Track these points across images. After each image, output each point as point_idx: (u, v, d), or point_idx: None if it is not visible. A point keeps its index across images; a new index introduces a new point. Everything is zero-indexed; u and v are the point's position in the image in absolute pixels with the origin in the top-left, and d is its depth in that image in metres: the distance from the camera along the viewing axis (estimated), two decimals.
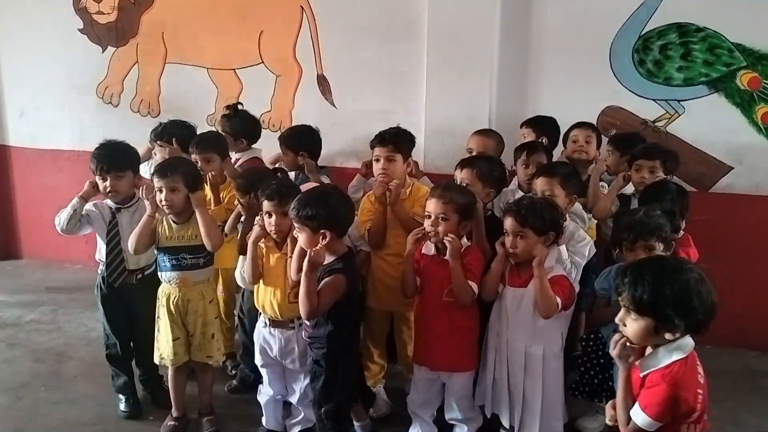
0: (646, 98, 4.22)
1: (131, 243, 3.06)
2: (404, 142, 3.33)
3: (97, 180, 3.21)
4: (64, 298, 5.01)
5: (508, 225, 2.70)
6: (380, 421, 3.28)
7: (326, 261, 2.69)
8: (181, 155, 3.64)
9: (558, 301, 2.61)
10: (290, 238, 2.75)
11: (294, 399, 3.08)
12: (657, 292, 1.83)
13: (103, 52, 5.46)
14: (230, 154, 3.90)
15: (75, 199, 3.22)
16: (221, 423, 3.26)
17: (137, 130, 4.30)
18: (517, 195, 3.29)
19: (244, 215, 3.16)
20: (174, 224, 3.09)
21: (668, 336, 1.87)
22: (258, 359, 3.09)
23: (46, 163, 5.71)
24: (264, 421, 3.17)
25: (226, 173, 3.62)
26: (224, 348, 3.34)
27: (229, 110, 4.16)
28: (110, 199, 3.24)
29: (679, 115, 4.19)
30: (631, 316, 1.90)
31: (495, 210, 3.27)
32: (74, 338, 4.30)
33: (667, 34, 4.12)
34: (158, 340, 3.16)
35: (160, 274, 3.14)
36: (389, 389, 3.48)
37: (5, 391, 3.61)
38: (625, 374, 1.98)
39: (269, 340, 3.00)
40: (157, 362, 3.22)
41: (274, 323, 2.96)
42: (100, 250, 3.29)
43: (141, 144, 4.02)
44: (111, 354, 3.41)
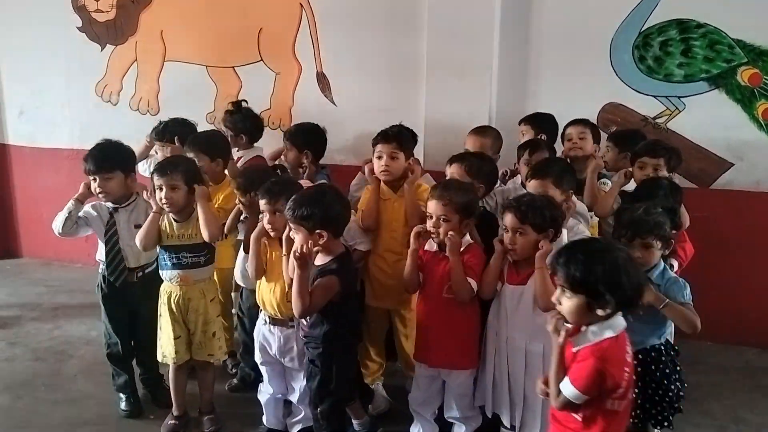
0: (647, 95, 4.21)
1: (139, 241, 3.06)
2: (407, 139, 3.32)
3: (90, 181, 3.21)
4: (65, 297, 5.02)
5: (508, 221, 2.68)
6: (379, 418, 3.27)
7: (321, 261, 2.69)
8: (183, 154, 3.64)
9: None
10: (285, 238, 2.73)
11: (294, 397, 3.07)
12: (588, 270, 1.95)
13: (102, 50, 5.45)
14: (233, 152, 3.92)
15: (71, 202, 3.21)
16: (222, 422, 3.25)
17: (137, 129, 4.29)
18: (519, 192, 3.28)
19: (247, 214, 3.14)
20: (175, 222, 3.09)
21: (600, 312, 1.97)
22: (258, 357, 3.09)
23: (46, 161, 5.71)
24: (264, 420, 3.17)
25: (227, 172, 3.61)
26: (225, 347, 3.33)
27: (233, 107, 4.20)
28: (102, 200, 3.23)
29: (680, 112, 4.18)
30: (566, 294, 2.01)
31: (487, 206, 3.28)
32: (74, 337, 4.30)
33: (668, 30, 4.11)
34: (160, 338, 3.16)
35: (161, 272, 3.14)
36: (389, 387, 3.47)
37: (6, 390, 3.60)
38: (559, 350, 2.08)
39: (269, 337, 3.00)
40: (160, 360, 3.22)
41: (273, 321, 2.96)
42: (100, 250, 3.29)
43: (140, 142, 4.03)
44: (112, 353, 3.41)
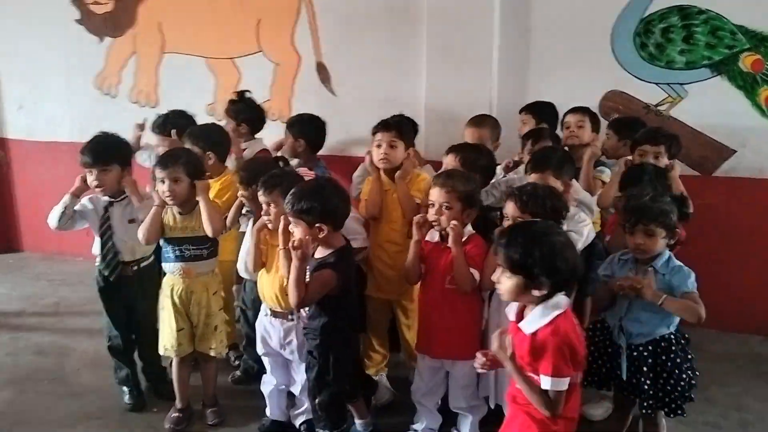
0: (648, 82, 4.18)
1: (141, 234, 3.04)
2: (407, 129, 3.32)
3: (87, 174, 3.19)
4: (66, 291, 5.02)
5: (509, 210, 2.66)
6: (383, 409, 3.27)
7: (321, 254, 2.68)
8: (181, 145, 3.63)
9: None
10: (281, 231, 2.70)
11: (297, 389, 3.07)
12: (527, 253, 2.01)
13: (100, 42, 5.43)
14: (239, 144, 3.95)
15: (66, 196, 3.19)
16: (225, 414, 3.25)
17: (136, 121, 4.27)
18: (525, 181, 3.26)
19: (250, 207, 3.12)
20: (178, 215, 3.08)
21: (536, 293, 2.03)
22: (259, 348, 3.09)
23: (46, 155, 5.70)
24: (268, 412, 3.16)
25: (228, 165, 3.64)
26: (227, 340, 3.33)
27: (236, 96, 4.22)
28: (99, 193, 3.21)
29: (682, 99, 4.15)
30: (506, 274, 2.06)
31: (492, 197, 3.25)
32: (77, 331, 4.29)
33: (669, 16, 4.08)
34: (162, 331, 3.16)
35: (164, 264, 3.13)
36: (393, 378, 3.47)
37: (9, 384, 3.60)
38: (512, 364, 2.12)
39: (270, 329, 3.00)
40: (162, 353, 3.22)
41: (274, 313, 2.96)
42: (96, 245, 3.28)
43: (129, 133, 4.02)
44: (113, 346, 3.40)
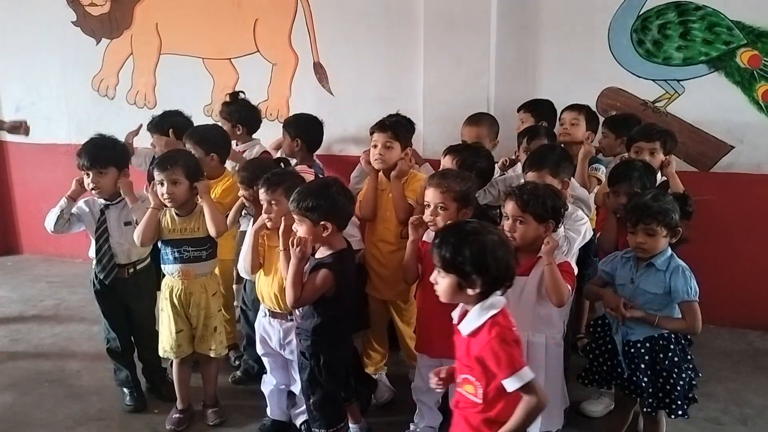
0: (646, 79, 4.19)
1: (137, 236, 3.05)
2: (403, 130, 3.32)
3: (84, 176, 3.19)
4: (66, 293, 5.02)
5: (509, 209, 2.65)
6: (383, 408, 3.28)
7: (320, 254, 2.68)
8: (178, 145, 3.65)
9: (569, 288, 2.58)
10: (281, 231, 2.70)
11: (297, 389, 3.06)
12: (457, 251, 2.01)
13: (97, 44, 5.43)
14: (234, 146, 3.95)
15: (63, 200, 3.19)
16: (226, 414, 3.26)
17: (134, 122, 4.26)
18: (522, 180, 3.26)
19: (254, 207, 3.11)
20: (177, 217, 3.08)
21: (470, 291, 2.02)
22: (259, 349, 3.09)
23: (44, 157, 5.69)
24: (269, 412, 3.17)
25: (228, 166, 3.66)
26: (226, 341, 3.33)
27: (230, 98, 4.22)
28: (95, 195, 3.21)
29: (679, 95, 4.16)
30: (441, 274, 2.06)
31: (490, 195, 3.30)
32: (76, 332, 4.30)
33: (666, 13, 4.08)
34: (161, 333, 3.16)
35: (163, 266, 3.13)
36: (393, 376, 3.47)
37: (9, 387, 3.61)
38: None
39: (269, 330, 3.00)
40: (161, 355, 3.22)
41: (273, 314, 2.96)
42: (92, 247, 3.28)
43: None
44: (111, 348, 3.41)
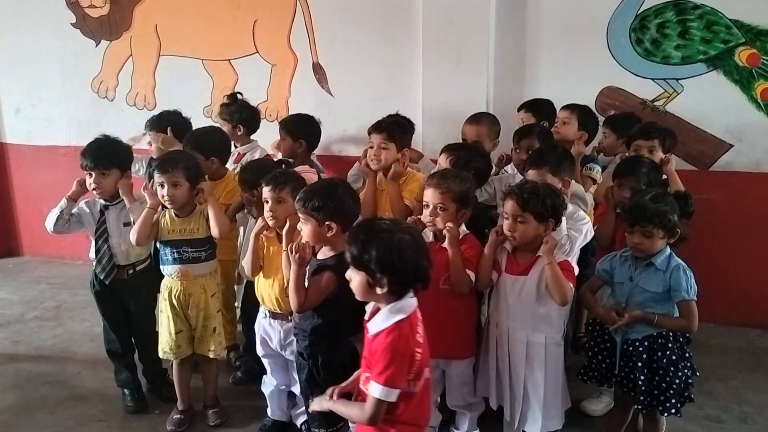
0: (645, 78, 4.19)
1: (133, 235, 3.05)
2: (400, 131, 3.36)
3: (86, 176, 3.19)
4: (66, 294, 5.02)
5: (509, 208, 2.65)
6: None
7: (323, 255, 2.67)
8: (175, 144, 3.66)
9: (571, 287, 2.58)
10: (285, 232, 2.70)
11: (297, 389, 3.07)
12: (364, 250, 2.01)
13: (96, 46, 5.43)
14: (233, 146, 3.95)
15: (63, 200, 3.20)
16: (227, 415, 3.26)
17: (134, 124, 4.28)
18: (518, 178, 3.26)
19: (255, 208, 3.11)
20: (176, 218, 3.08)
21: (378, 290, 2.02)
22: (259, 350, 3.09)
23: (44, 159, 5.70)
24: (269, 412, 3.17)
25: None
26: (225, 341, 3.33)
27: (228, 98, 4.22)
28: (96, 196, 3.22)
29: (678, 94, 4.16)
30: (353, 271, 2.07)
31: (486, 193, 3.33)
32: (77, 334, 4.30)
33: (664, 12, 4.08)
34: (161, 333, 3.16)
35: (162, 267, 3.14)
36: None
37: (11, 388, 3.61)
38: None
39: (269, 331, 3.00)
40: (161, 356, 3.23)
41: (273, 315, 2.96)
42: (92, 248, 3.28)
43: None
44: (111, 349, 3.41)
